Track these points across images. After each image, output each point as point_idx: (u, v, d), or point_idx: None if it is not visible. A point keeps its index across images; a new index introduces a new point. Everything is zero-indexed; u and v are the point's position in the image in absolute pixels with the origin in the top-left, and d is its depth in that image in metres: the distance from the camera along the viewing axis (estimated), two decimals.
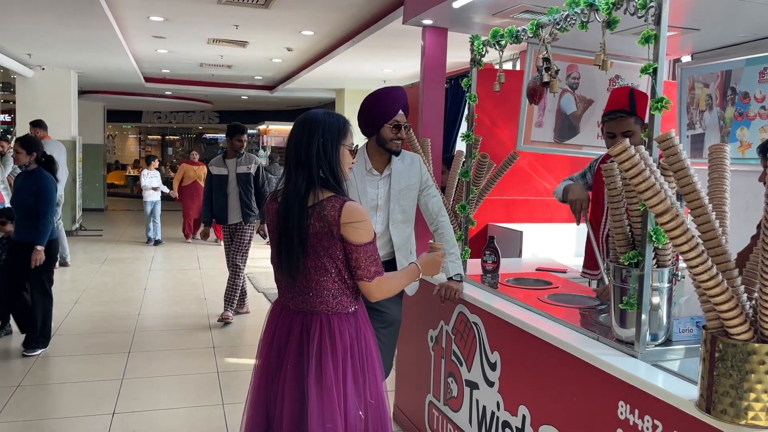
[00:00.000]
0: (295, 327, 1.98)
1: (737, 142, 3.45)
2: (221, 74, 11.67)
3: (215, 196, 5.48)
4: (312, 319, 1.96)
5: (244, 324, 5.58)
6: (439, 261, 2.23)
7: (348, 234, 1.90)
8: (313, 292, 1.95)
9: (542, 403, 2.26)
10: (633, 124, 2.54)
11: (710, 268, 1.46)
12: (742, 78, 3.39)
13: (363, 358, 1.97)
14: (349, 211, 1.91)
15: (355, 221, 1.90)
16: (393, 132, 2.68)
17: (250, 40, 8.06)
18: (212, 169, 5.55)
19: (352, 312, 2.00)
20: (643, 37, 1.84)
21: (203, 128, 23.41)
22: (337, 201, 1.92)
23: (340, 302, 1.97)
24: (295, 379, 1.92)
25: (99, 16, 6.26)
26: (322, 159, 1.93)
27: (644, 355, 1.91)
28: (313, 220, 1.91)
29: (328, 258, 1.93)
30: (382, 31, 6.38)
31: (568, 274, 3.27)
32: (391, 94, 2.70)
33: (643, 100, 2.53)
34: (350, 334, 1.96)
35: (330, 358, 1.91)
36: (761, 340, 1.45)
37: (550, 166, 4.50)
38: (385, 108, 2.67)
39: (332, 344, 1.92)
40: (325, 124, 1.97)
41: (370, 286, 1.97)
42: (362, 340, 1.99)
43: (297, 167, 1.95)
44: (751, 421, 1.46)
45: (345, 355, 1.93)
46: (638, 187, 1.47)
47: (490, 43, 2.79)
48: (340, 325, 1.95)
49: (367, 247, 1.93)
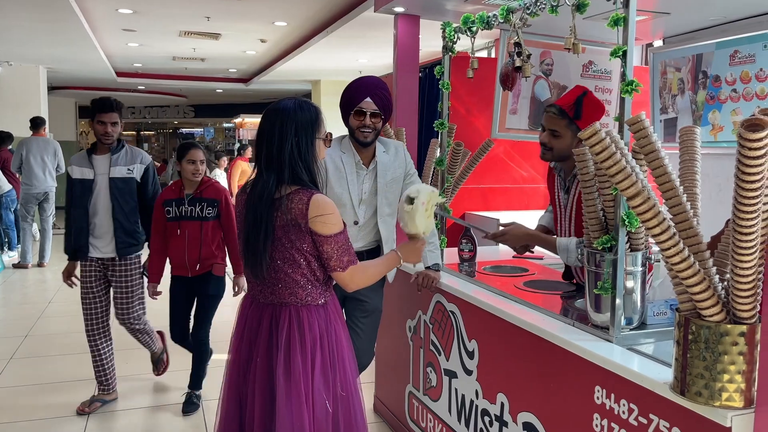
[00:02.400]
0: (265, 319, 1.95)
1: (709, 126, 3.47)
2: (195, 67, 11.52)
3: (74, 213, 3.48)
4: (281, 311, 1.93)
5: (222, 318, 5.52)
6: (420, 249, 2.19)
7: (316, 227, 1.87)
8: (282, 284, 1.93)
9: (520, 390, 2.26)
10: (564, 126, 2.41)
11: (682, 251, 1.45)
12: (713, 61, 3.41)
13: (333, 351, 1.95)
14: (316, 205, 1.87)
15: (323, 214, 1.87)
16: (357, 119, 2.60)
17: (222, 32, 7.94)
18: (72, 170, 3.50)
19: (321, 304, 1.97)
20: (612, 20, 1.83)
21: (179, 123, 23.12)
22: (305, 194, 1.88)
23: (309, 294, 1.94)
24: (265, 373, 1.90)
25: (65, 8, 6.12)
26: (296, 159, 1.90)
27: (619, 339, 1.91)
28: (280, 213, 1.88)
29: (297, 250, 1.90)
30: (355, 21, 6.32)
31: (545, 260, 3.27)
32: (358, 81, 2.64)
33: (592, 108, 2.41)
34: (320, 326, 1.93)
35: (299, 351, 1.88)
36: (734, 321, 1.45)
37: (527, 153, 4.49)
38: (349, 96, 2.61)
39: (301, 337, 1.90)
40: (298, 121, 1.91)
41: (344, 277, 1.95)
42: (332, 333, 1.96)
43: (269, 167, 1.91)
44: (725, 402, 1.46)
45: (314, 347, 1.91)
46: (609, 170, 1.45)
47: (462, 29, 2.77)
48: (309, 318, 1.92)
49: (337, 237, 1.90)
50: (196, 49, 9.25)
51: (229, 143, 20.41)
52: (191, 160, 3.42)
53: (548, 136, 2.44)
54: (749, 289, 1.38)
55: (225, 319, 5.45)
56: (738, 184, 1.25)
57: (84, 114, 17.75)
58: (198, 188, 3.44)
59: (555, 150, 2.45)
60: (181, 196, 3.44)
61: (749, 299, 1.40)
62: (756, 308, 1.42)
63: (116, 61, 10.60)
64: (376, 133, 2.65)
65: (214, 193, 3.46)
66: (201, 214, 3.43)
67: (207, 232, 3.44)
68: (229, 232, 3.47)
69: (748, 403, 1.46)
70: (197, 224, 3.43)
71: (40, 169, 7.66)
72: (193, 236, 3.42)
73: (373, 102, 2.60)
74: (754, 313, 1.43)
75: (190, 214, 3.42)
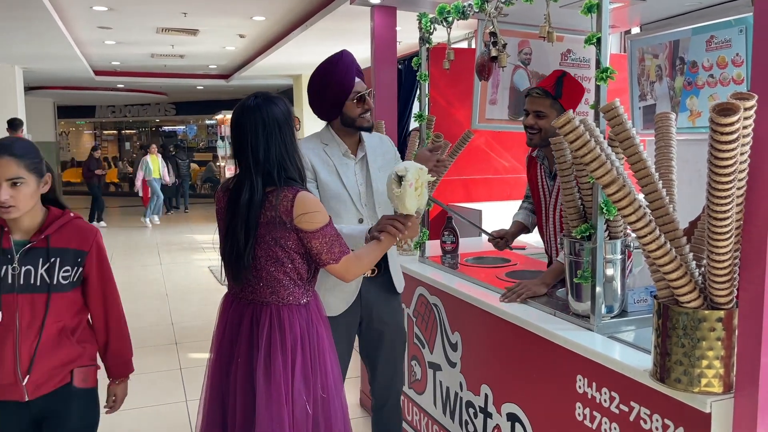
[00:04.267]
0: (246, 319, 1.91)
1: (687, 111, 3.48)
2: (174, 64, 11.37)
3: None
4: (262, 310, 1.89)
5: (208, 318, 5.49)
6: (416, 224, 2.04)
7: (302, 224, 1.83)
8: (264, 283, 1.88)
9: (504, 381, 2.25)
10: (548, 106, 2.40)
11: (658, 238, 1.44)
12: (690, 47, 3.41)
13: (314, 352, 1.90)
14: (301, 203, 1.82)
15: (309, 212, 1.82)
16: (359, 105, 2.28)
17: (200, 27, 7.84)
18: None
19: (303, 304, 1.93)
20: (586, 7, 1.82)
21: (160, 121, 22.89)
22: (290, 191, 1.84)
23: (291, 293, 1.90)
24: (246, 373, 1.86)
25: (38, 7, 6.00)
26: (284, 158, 1.86)
27: (600, 327, 1.91)
28: (264, 210, 1.84)
29: (280, 248, 1.85)
30: (333, 14, 6.27)
31: (527, 250, 3.27)
32: (339, 63, 2.28)
33: (572, 88, 2.42)
34: (301, 326, 1.89)
35: (279, 351, 1.84)
36: (711, 307, 1.45)
37: (508, 143, 4.49)
38: (340, 81, 2.27)
39: (282, 336, 1.86)
40: (280, 119, 1.86)
41: (338, 269, 1.90)
42: (313, 334, 1.91)
43: (257, 169, 1.85)
44: (704, 388, 1.46)
45: (294, 347, 1.86)
46: (584, 158, 1.44)
47: (438, 20, 2.75)
48: (290, 317, 1.88)
49: (324, 230, 1.85)
50: (174, 45, 9.13)
51: (211, 140, 20.25)
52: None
53: (533, 118, 2.44)
54: (726, 275, 1.38)
55: (208, 318, 5.44)
56: (711, 169, 1.24)
57: (63, 114, 17.55)
58: (41, 230, 1.86)
59: (543, 131, 2.43)
60: (4, 246, 1.82)
61: (726, 284, 1.40)
62: (733, 293, 1.42)
63: (93, 59, 10.44)
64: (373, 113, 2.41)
65: (74, 238, 1.89)
66: (47, 280, 1.83)
67: (59, 313, 1.86)
68: (108, 307, 2.00)
69: (727, 388, 1.46)
70: (39, 300, 1.82)
71: None
72: (28, 325, 1.82)
73: (361, 81, 2.33)
74: (731, 299, 1.43)
75: (22, 281, 1.81)
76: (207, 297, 6.12)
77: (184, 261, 8.23)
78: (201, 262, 8.01)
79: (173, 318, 5.46)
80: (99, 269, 1.96)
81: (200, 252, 8.79)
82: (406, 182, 1.89)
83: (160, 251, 8.96)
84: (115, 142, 24.52)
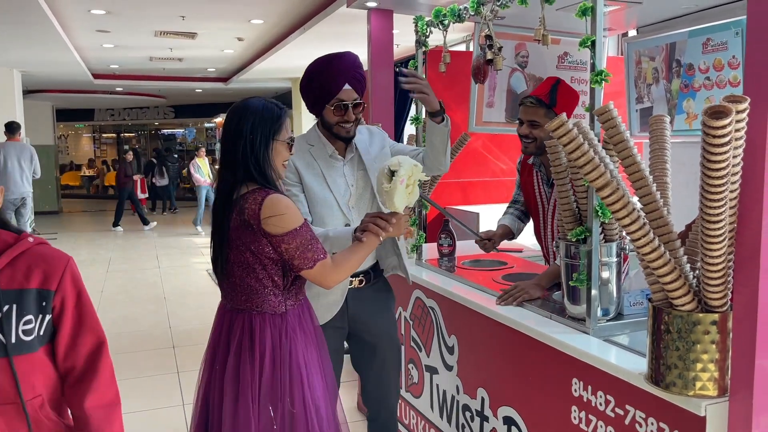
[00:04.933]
0: (225, 325, 1.88)
1: (684, 114, 3.48)
2: (173, 68, 11.38)
3: None
4: (236, 317, 1.85)
5: (205, 321, 5.48)
6: (402, 220, 1.92)
7: (269, 228, 1.74)
8: (238, 289, 1.83)
9: (500, 384, 2.25)
10: (543, 115, 2.38)
11: (652, 241, 1.44)
12: (686, 50, 3.41)
13: (284, 364, 1.80)
14: (269, 205, 1.73)
15: (275, 215, 1.73)
16: (337, 114, 2.14)
17: (198, 31, 7.85)
18: None
19: (280, 313, 1.83)
20: (580, 10, 1.82)
21: (159, 124, 22.90)
22: (260, 194, 1.76)
23: (265, 301, 1.82)
24: (221, 378, 1.84)
25: (36, 11, 6.01)
26: (248, 156, 1.77)
27: (596, 330, 1.91)
28: (235, 214, 1.77)
29: (251, 254, 1.78)
30: (330, 18, 6.28)
31: (524, 253, 3.26)
32: (332, 64, 2.14)
33: (567, 95, 2.41)
34: (273, 336, 1.81)
35: (248, 359, 1.79)
36: (705, 310, 1.45)
37: (505, 146, 4.48)
38: (325, 83, 2.13)
39: (251, 345, 1.80)
40: (256, 119, 1.79)
41: (314, 274, 1.80)
42: (286, 345, 1.82)
43: (225, 165, 1.82)
44: (699, 392, 1.46)
45: (263, 357, 1.79)
46: (577, 161, 1.44)
47: (434, 23, 2.75)
48: (261, 326, 1.81)
49: (293, 234, 1.75)
50: (173, 49, 9.14)
51: (210, 143, 20.25)
52: None
53: (528, 128, 2.43)
54: (719, 278, 1.38)
55: (206, 321, 5.43)
56: (704, 172, 1.24)
57: (62, 118, 17.55)
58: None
59: (538, 140, 2.42)
60: None
61: (720, 287, 1.40)
62: (727, 296, 1.42)
63: (92, 62, 10.45)
64: (357, 124, 2.24)
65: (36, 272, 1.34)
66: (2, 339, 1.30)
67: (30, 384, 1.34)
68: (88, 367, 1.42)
69: (722, 391, 1.46)
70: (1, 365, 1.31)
71: (18, 174, 7.58)
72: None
73: (353, 89, 2.15)
74: (725, 302, 1.42)
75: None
76: (205, 300, 6.11)
77: (182, 264, 8.22)
78: (199, 266, 8.00)
79: (171, 321, 5.45)
80: (76, 313, 1.38)
81: (199, 255, 8.79)
82: (397, 178, 1.81)
83: (159, 254, 8.96)
84: (114, 145, 24.52)
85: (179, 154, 20.86)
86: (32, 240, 1.37)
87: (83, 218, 14.13)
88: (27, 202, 7.77)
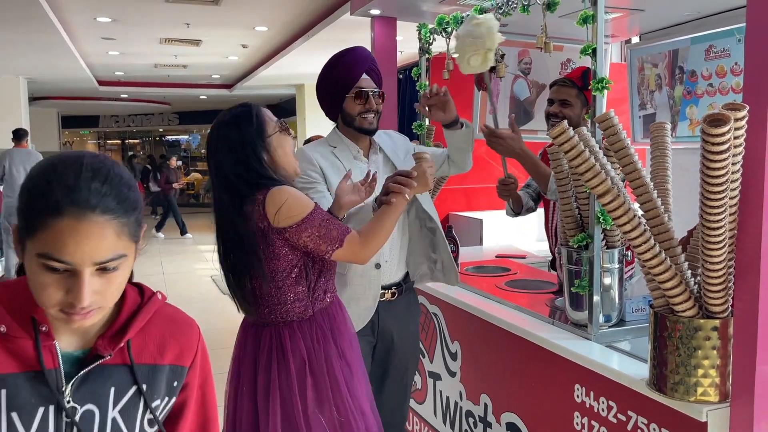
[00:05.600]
0: (249, 342, 1.77)
1: (687, 121, 3.49)
2: (177, 74, 11.44)
3: None
4: (263, 332, 1.74)
5: (209, 327, 5.49)
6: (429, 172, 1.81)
7: (282, 222, 1.62)
8: (261, 303, 1.73)
9: (503, 390, 2.25)
10: (574, 96, 2.47)
11: (653, 247, 1.45)
12: (689, 57, 3.42)
13: (324, 371, 1.70)
14: (271, 199, 1.63)
15: (282, 204, 1.62)
16: (358, 103, 2.10)
17: (203, 38, 7.90)
18: None
19: (307, 318, 1.73)
20: (581, 18, 1.83)
21: (164, 130, 22.99)
22: (260, 194, 1.66)
23: (290, 310, 1.71)
24: (251, 402, 1.72)
25: (42, 20, 6.06)
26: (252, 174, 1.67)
27: (598, 336, 1.91)
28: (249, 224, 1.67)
29: (269, 260, 1.68)
30: (334, 24, 6.31)
31: (528, 259, 3.27)
32: (347, 56, 2.11)
33: None
34: (306, 345, 1.70)
35: (283, 376, 1.68)
36: (706, 316, 1.46)
37: None
38: (342, 74, 2.09)
39: (284, 360, 1.68)
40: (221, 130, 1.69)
41: (345, 252, 1.67)
42: (320, 351, 1.71)
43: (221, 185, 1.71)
44: (700, 397, 1.46)
45: (302, 370, 1.67)
46: (578, 168, 1.45)
47: (437, 30, 2.77)
48: (292, 337, 1.70)
49: (310, 218, 1.64)
50: (177, 56, 9.19)
51: None
52: None
53: (558, 106, 2.50)
54: (720, 284, 1.39)
55: (210, 327, 5.45)
56: (703, 179, 1.25)
57: (67, 124, 17.64)
58: (112, 331, 0.95)
59: (567, 120, 2.44)
60: (47, 367, 0.88)
61: (720, 293, 1.40)
62: (728, 302, 1.43)
63: (97, 70, 10.52)
64: (379, 117, 2.19)
65: (170, 342, 1.02)
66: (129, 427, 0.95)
67: None
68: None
69: (723, 397, 1.46)
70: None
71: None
72: None
73: (371, 79, 2.15)
74: (726, 307, 1.43)
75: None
76: (209, 306, 6.12)
77: (186, 270, 8.24)
78: (203, 271, 8.02)
79: None
80: (200, 398, 1.07)
81: (202, 261, 8.81)
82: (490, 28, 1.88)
83: (163, 261, 8.98)
84: (118, 151, 24.63)
85: (184, 161, 21.16)
86: (160, 295, 1.03)
87: None
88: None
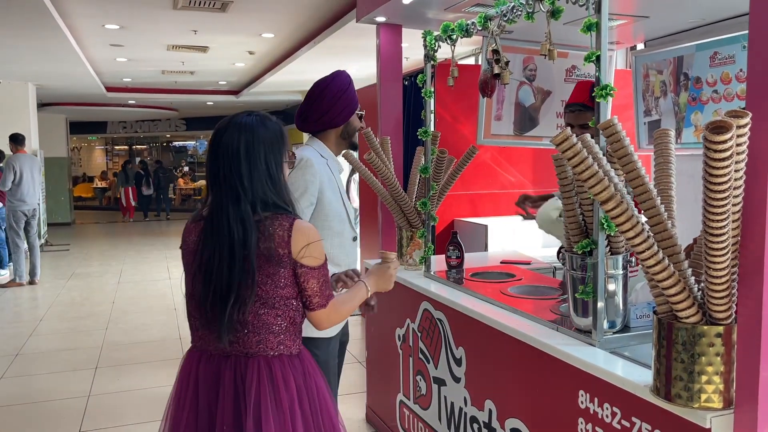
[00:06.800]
0: (226, 376, 1.58)
1: (692, 127, 3.49)
2: (184, 81, 11.52)
3: None
4: (247, 363, 1.58)
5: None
6: (392, 274, 1.91)
7: (305, 259, 1.57)
8: (250, 329, 1.57)
9: (507, 396, 2.25)
10: (590, 117, 2.49)
11: (656, 253, 1.46)
12: (694, 63, 3.43)
13: (314, 407, 1.64)
14: (302, 232, 1.57)
15: (312, 242, 1.58)
16: (360, 120, 2.55)
17: (210, 45, 7.95)
18: None
19: (295, 354, 1.65)
20: (585, 26, 1.84)
21: (171, 136, 23.12)
22: (285, 219, 1.58)
23: (282, 342, 1.61)
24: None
25: (51, 27, 6.12)
26: (266, 185, 1.60)
27: (602, 343, 1.92)
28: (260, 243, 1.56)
29: (273, 286, 1.57)
30: (341, 31, 6.35)
31: (533, 265, 3.27)
32: (350, 80, 2.50)
33: None
34: (296, 380, 1.62)
35: (274, 410, 1.56)
36: (710, 322, 1.46)
37: (513, 158, 4.51)
38: (353, 94, 2.47)
39: (275, 394, 1.57)
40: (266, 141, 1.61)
41: (322, 315, 1.64)
42: (312, 386, 1.65)
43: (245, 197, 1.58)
44: (704, 404, 1.46)
45: (292, 405, 1.58)
46: (581, 175, 1.46)
47: (442, 37, 2.79)
48: (283, 371, 1.60)
49: (322, 269, 1.62)
50: (184, 62, 9.26)
51: None
52: None
53: (579, 129, 2.56)
54: (723, 290, 1.39)
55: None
56: (706, 186, 1.25)
57: (75, 130, 17.78)
58: None
59: None
60: None
61: (724, 300, 1.41)
62: (731, 309, 1.43)
63: (105, 76, 10.60)
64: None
65: None
66: None
67: None
68: None
69: (727, 403, 1.46)
70: None
71: (31, 185, 7.70)
72: None
73: None
74: (729, 314, 1.43)
75: None
76: None
77: None
78: None
79: (181, 332, 5.49)
80: None
81: None
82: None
83: (169, 266, 9.02)
84: (126, 157, 24.79)
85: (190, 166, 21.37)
86: None
87: (95, 230, 14.26)
88: (37, 213, 7.90)
